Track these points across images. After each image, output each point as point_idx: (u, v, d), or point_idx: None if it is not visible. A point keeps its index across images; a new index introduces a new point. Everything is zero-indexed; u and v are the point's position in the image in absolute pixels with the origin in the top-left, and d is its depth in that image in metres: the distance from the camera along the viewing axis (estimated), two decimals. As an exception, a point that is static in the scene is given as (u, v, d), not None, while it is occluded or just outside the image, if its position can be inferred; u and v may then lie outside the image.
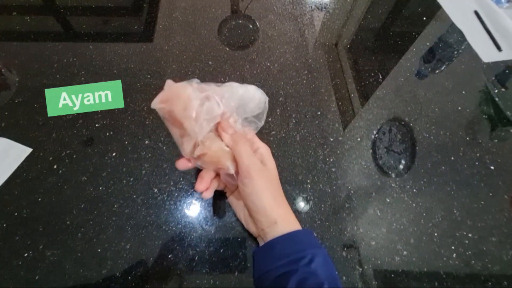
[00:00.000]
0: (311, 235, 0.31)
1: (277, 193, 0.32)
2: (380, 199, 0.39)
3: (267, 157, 0.33)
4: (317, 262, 0.27)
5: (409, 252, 0.36)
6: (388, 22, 0.60)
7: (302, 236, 0.30)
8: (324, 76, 0.50)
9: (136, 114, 0.44)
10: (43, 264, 0.33)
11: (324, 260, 0.28)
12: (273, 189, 0.32)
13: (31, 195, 0.37)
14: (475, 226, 0.38)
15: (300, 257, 0.27)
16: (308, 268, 0.27)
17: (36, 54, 0.49)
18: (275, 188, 0.32)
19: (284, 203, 0.32)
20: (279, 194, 0.32)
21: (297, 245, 0.29)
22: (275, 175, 0.33)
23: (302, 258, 0.27)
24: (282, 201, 0.32)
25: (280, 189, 0.33)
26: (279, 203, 0.31)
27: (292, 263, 0.27)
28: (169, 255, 0.34)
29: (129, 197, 0.37)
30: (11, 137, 0.40)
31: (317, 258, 0.27)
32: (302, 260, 0.27)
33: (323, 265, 0.27)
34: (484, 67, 0.52)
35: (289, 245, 0.29)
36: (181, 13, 0.55)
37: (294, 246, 0.29)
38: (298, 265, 0.27)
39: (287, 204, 0.33)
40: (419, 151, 0.43)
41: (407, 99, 0.48)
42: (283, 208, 0.32)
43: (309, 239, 0.30)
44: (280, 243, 0.29)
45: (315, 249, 0.29)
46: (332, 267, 0.29)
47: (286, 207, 0.32)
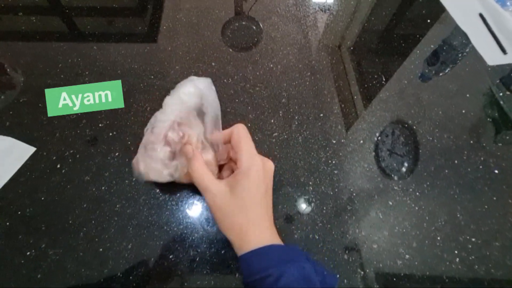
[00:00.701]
0: (281, 251, 0.28)
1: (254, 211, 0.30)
2: (383, 202, 0.39)
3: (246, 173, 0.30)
4: (284, 281, 0.25)
5: (412, 256, 0.36)
6: (391, 24, 0.59)
7: (267, 253, 0.28)
8: (327, 78, 0.50)
9: (139, 114, 0.44)
10: (45, 263, 0.33)
11: (297, 275, 0.26)
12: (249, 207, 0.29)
13: (35, 194, 0.37)
14: (479, 231, 0.37)
15: (265, 276, 0.25)
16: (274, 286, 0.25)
17: (41, 54, 0.49)
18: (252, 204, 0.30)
19: (262, 222, 0.30)
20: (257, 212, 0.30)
21: (261, 263, 0.27)
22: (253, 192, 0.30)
23: (267, 276, 0.25)
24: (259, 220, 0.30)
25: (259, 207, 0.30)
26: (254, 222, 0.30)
27: (257, 283, 0.26)
28: (170, 256, 0.34)
29: (131, 197, 0.38)
30: (15, 136, 0.40)
31: (284, 276, 0.25)
32: (267, 279, 0.25)
33: (294, 281, 0.25)
34: (489, 70, 0.52)
35: (254, 263, 0.27)
36: (185, 14, 0.56)
37: (258, 264, 0.27)
38: (263, 285, 0.25)
39: (266, 223, 0.30)
40: (422, 154, 0.43)
41: (411, 102, 0.48)
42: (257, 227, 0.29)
43: (276, 255, 0.28)
44: (245, 261, 0.28)
45: (283, 266, 0.26)
46: (309, 281, 0.26)
47: (262, 227, 0.30)
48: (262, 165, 0.31)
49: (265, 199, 0.31)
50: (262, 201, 0.30)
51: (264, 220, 0.30)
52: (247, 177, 0.30)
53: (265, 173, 0.31)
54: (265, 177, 0.31)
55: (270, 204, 0.32)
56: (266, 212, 0.31)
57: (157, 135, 0.33)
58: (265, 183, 0.31)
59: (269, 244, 0.28)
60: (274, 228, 0.31)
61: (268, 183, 0.32)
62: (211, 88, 0.35)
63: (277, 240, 0.30)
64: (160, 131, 0.33)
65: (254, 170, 0.30)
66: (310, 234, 0.36)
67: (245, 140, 0.32)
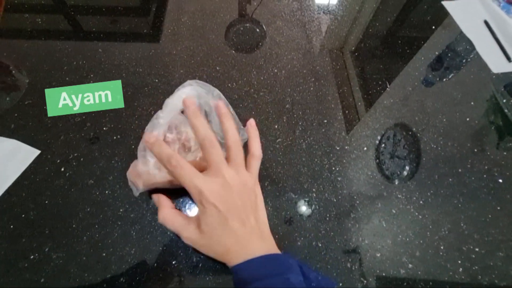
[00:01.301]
0: (267, 263, 0.28)
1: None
2: (386, 210, 0.39)
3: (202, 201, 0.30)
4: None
5: (415, 265, 0.36)
6: (395, 29, 0.59)
7: (254, 265, 0.28)
8: (331, 83, 0.50)
9: (143, 118, 0.44)
10: (48, 267, 0.33)
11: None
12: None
13: (38, 197, 0.37)
14: (483, 240, 0.37)
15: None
16: None
17: (46, 56, 0.49)
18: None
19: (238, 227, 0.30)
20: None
21: (247, 277, 0.27)
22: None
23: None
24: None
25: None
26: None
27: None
28: (173, 261, 0.34)
29: (134, 201, 0.38)
30: (20, 139, 0.41)
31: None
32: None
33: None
34: (493, 78, 0.52)
35: (240, 276, 0.28)
36: (189, 17, 0.56)
37: (244, 277, 0.27)
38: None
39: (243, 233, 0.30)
40: (426, 162, 0.43)
41: (415, 109, 0.48)
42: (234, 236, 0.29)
43: (263, 267, 0.28)
44: (234, 274, 0.28)
45: (269, 279, 0.26)
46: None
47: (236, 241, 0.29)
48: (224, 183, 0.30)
49: (236, 218, 0.30)
50: (233, 223, 0.29)
51: (242, 237, 0.30)
52: (206, 208, 0.29)
53: (228, 191, 0.30)
54: (230, 194, 0.30)
55: (252, 217, 0.31)
56: (243, 223, 0.30)
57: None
58: (233, 200, 0.30)
59: (251, 258, 0.28)
60: (265, 236, 0.31)
61: (240, 197, 0.30)
62: (209, 90, 0.36)
63: (268, 249, 0.30)
64: (159, 132, 0.33)
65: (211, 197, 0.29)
66: (313, 241, 0.36)
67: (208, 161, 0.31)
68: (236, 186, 0.30)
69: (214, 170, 0.30)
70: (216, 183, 0.30)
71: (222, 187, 0.30)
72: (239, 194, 0.30)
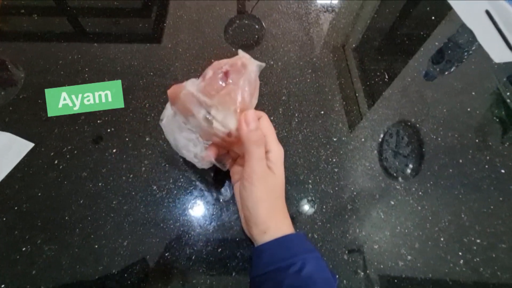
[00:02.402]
0: (302, 240, 0.30)
1: (275, 204, 0.31)
2: (384, 201, 0.38)
3: (276, 163, 0.31)
4: (308, 269, 0.26)
5: (414, 257, 0.35)
6: (396, 21, 0.58)
7: (291, 242, 0.29)
8: (329, 75, 0.49)
9: (137, 111, 0.43)
10: (40, 259, 0.33)
11: (316, 265, 0.27)
12: (272, 200, 0.30)
13: (32, 189, 0.37)
14: (484, 232, 0.36)
15: (289, 264, 0.26)
16: (298, 276, 0.25)
17: (42, 52, 0.49)
18: (275, 198, 0.31)
19: (281, 213, 0.31)
20: (278, 204, 0.31)
21: (285, 252, 0.28)
22: (279, 184, 0.31)
23: (292, 265, 0.26)
24: (279, 212, 0.31)
25: (280, 198, 0.32)
26: (275, 214, 0.30)
27: (280, 271, 0.26)
28: (166, 254, 0.34)
29: (128, 193, 0.37)
30: (14, 132, 0.40)
31: (308, 265, 0.26)
32: (292, 267, 0.26)
33: (316, 271, 0.26)
34: (495, 68, 0.51)
35: (277, 251, 0.28)
36: (185, 11, 0.55)
37: (282, 252, 0.28)
38: (287, 273, 0.26)
39: (284, 214, 0.32)
40: (425, 152, 0.42)
41: (414, 100, 0.47)
42: (277, 219, 0.30)
43: (299, 244, 0.29)
44: (268, 250, 0.28)
45: (306, 255, 0.27)
46: (326, 272, 0.28)
47: (282, 218, 0.31)
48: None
49: (279, 200, 0.32)
50: (282, 192, 0.32)
51: (284, 211, 0.32)
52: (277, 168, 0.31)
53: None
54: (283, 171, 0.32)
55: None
56: (284, 202, 0.32)
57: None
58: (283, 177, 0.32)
59: (290, 233, 0.29)
60: (289, 218, 0.32)
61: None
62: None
63: (293, 230, 0.31)
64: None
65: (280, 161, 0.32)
66: (309, 233, 0.36)
67: (272, 129, 0.32)
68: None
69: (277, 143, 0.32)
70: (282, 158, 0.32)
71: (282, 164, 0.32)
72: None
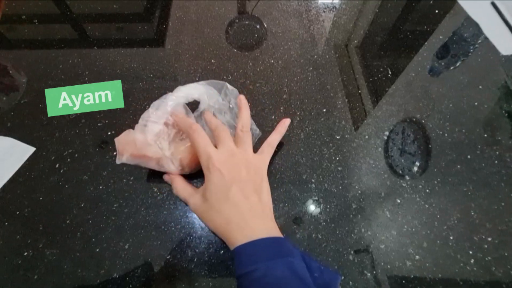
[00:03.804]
0: (272, 244, 0.28)
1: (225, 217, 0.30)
2: (390, 199, 0.37)
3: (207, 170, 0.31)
4: (273, 275, 0.25)
5: (422, 256, 0.33)
6: (399, 16, 0.57)
7: (257, 246, 0.27)
8: (330, 72, 0.48)
9: (138, 113, 0.43)
10: (42, 263, 0.33)
11: (288, 271, 0.25)
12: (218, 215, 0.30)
13: (33, 194, 0.37)
14: (495, 230, 0.35)
15: (253, 269, 0.25)
16: (261, 282, 0.24)
17: (43, 57, 0.49)
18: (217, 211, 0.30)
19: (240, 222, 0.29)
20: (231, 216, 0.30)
21: (251, 257, 0.26)
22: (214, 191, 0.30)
23: (254, 271, 0.25)
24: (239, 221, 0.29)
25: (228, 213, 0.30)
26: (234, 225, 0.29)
27: (245, 277, 0.25)
28: (167, 256, 0.33)
29: (128, 196, 0.37)
30: (16, 137, 0.41)
31: (274, 271, 0.25)
32: (253, 274, 0.25)
33: (286, 277, 0.25)
34: (502, 60, 0.49)
35: (244, 256, 0.27)
36: (184, 12, 0.55)
37: (246, 258, 0.27)
38: (250, 279, 0.25)
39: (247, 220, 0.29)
40: (432, 149, 0.41)
41: (419, 95, 0.45)
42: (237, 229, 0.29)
43: (268, 248, 0.27)
44: (237, 254, 0.27)
45: (272, 260, 0.26)
46: (301, 277, 0.25)
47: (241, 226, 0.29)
48: (224, 158, 0.31)
49: (238, 189, 0.30)
50: (235, 196, 0.30)
51: (248, 214, 0.29)
52: (208, 178, 0.30)
53: (231, 164, 0.31)
54: (232, 168, 0.31)
55: (252, 194, 0.31)
56: (246, 196, 0.30)
57: (160, 113, 0.35)
58: (232, 175, 0.30)
59: (257, 238, 0.27)
60: (267, 218, 0.30)
61: (242, 172, 0.31)
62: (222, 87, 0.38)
63: (270, 231, 0.29)
64: (163, 112, 0.35)
65: (212, 168, 0.30)
66: (313, 233, 0.35)
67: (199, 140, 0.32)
68: (242, 160, 0.32)
69: (223, 145, 0.32)
70: (225, 153, 0.32)
71: (230, 157, 0.31)
72: (246, 168, 0.31)
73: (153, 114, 0.35)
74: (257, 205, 0.30)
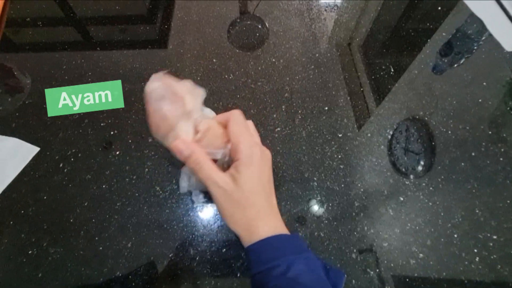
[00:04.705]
0: (290, 241, 0.28)
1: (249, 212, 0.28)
2: (393, 197, 0.37)
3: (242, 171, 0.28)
4: (294, 271, 0.24)
5: (426, 255, 0.33)
6: (402, 14, 0.57)
7: (278, 242, 0.27)
8: (332, 70, 0.48)
9: (140, 113, 0.44)
10: (46, 261, 0.33)
11: (305, 266, 0.25)
12: (241, 211, 0.28)
13: (37, 193, 0.37)
14: (500, 228, 0.34)
15: (273, 266, 0.25)
16: (282, 278, 0.24)
17: (47, 58, 0.50)
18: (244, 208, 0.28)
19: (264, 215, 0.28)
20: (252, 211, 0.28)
21: (270, 254, 0.26)
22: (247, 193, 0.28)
23: (276, 267, 0.25)
24: (262, 214, 0.29)
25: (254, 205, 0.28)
26: (255, 219, 0.28)
27: (265, 273, 0.25)
28: (170, 254, 0.34)
29: (131, 195, 0.37)
30: (21, 137, 0.41)
31: (294, 266, 0.25)
32: (276, 270, 0.25)
33: (303, 273, 0.25)
34: (507, 57, 0.49)
35: (261, 253, 0.26)
36: (186, 12, 0.55)
37: (266, 255, 0.26)
38: (271, 275, 0.25)
39: (268, 214, 0.29)
40: (435, 146, 0.40)
41: (422, 92, 0.45)
42: (260, 222, 0.28)
43: (286, 245, 0.27)
44: (253, 251, 0.27)
45: (292, 256, 0.25)
46: (317, 272, 0.26)
47: (265, 219, 0.28)
48: (261, 154, 0.30)
49: (269, 188, 0.30)
50: (266, 190, 0.29)
51: (270, 209, 0.29)
52: (249, 167, 0.28)
53: (265, 162, 0.30)
54: (266, 165, 0.30)
55: (273, 192, 0.31)
56: (271, 201, 0.30)
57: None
58: (267, 172, 0.30)
59: (277, 234, 0.27)
60: (279, 217, 0.30)
61: (270, 172, 0.31)
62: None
63: (283, 229, 0.29)
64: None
65: (255, 159, 0.29)
66: (315, 231, 0.35)
67: (243, 129, 0.30)
68: (268, 162, 0.30)
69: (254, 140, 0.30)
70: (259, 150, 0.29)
71: (263, 155, 0.29)
72: (270, 170, 0.30)
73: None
74: (275, 206, 0.30)
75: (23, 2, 0.56)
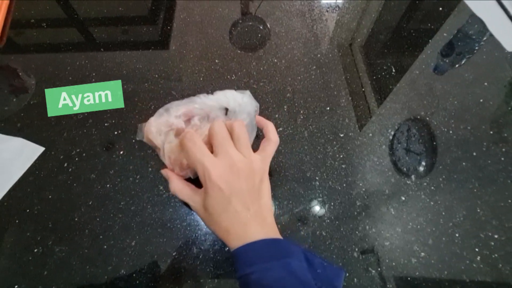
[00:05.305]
0: (271, 246, 0.27)
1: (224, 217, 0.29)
2: (395, 197, 0.37)
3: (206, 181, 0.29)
4: (270, 277, 0.25)
5: (427, 253, 0.33)
6: (403, 14, 0.57)
7: (256, 248, 0.27)
8: (334, 71, 0.48)
9: (143, 113, 0.44)
10: (51, 259, 0.34)
11: (284, 272, 0.25)
12: (215, 216, 0.29)
13: (42, 192, 0.38)
14: (502, 227, 0.34)
15: (249, 272, 0.25)
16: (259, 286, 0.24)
17: (51, 59, 0.51)
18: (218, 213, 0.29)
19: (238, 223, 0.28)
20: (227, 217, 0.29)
21: (248, 259, 0.26)
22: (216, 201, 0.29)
23: (252, 273, 0.25)
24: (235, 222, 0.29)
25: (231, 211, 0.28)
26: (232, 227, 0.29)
27: (244, 278, 0.25)
28: (173, 253, 0.34)
29: (135, 194, 0.37)
30: (26, 137, 0.41)
31: (270, 273, 0.25)
32: (252, 276, 0.25)
33: (282, 279, 0.25)
34: (508, 57, 0.49)
35: (241, 258, 0.27)
36: (188, 13, 0.56)
37: (245, 260, 0.26)
38: (249, 279, 0.25)
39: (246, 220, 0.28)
40: (437, 146, 0.41)
41: (423, 92, 0.45)
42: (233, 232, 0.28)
43: (265, 250, 0.27)
44: (235, 257, 0.27)
45: (269, 263, 0.25)
46: (298, 277, 0.25)
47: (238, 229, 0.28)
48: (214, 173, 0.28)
49: (248, 196, 0.29)
50: (245, 199, 0.28)
51: (244, 220, 0.28)
52: (207, 192, 0.28)
53: (236, 173, 0.29)
54: (236, 177, 0.29)
55: (261, 196, 0.30)
56: (252, 207, 0.29)
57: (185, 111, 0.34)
58: (242, 182, 0.29)
59: (254, 240, 0.27)
60: (267, 221, 0.29)
61: (250, 179, 0.29)
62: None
63: (268, 232, 0.28)
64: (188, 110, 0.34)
65: (208, 183, 0.28)
66: (317, 230, 0.35)
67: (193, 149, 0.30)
68: (243, 169, 0.29)
69: (221, 151, 0.29)
70: (223, 165, 0.28)
71: (229, 168, 0.28)
72: (246, 178, 0.29)
73: (177, 107, 0.34)
74: (257, 212, 0.29)
75: (27, 4, 0.57)
